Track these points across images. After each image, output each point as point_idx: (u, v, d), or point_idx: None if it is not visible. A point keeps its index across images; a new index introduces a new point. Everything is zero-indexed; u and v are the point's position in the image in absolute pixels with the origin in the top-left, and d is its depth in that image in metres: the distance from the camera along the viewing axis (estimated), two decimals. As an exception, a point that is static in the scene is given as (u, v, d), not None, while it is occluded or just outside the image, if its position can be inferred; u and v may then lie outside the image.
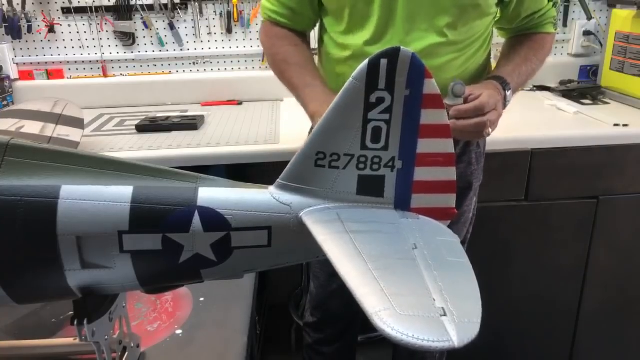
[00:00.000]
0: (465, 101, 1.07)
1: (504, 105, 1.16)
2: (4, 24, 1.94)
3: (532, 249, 1.71)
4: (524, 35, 1.28)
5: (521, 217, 1.66)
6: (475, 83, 1.17)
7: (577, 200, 1.66)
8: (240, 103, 2.05)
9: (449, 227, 0.61)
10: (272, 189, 0.60)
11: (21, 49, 2.03)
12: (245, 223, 0.57)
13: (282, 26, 1.25)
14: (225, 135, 1.63)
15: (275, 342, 1.92)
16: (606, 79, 2.01)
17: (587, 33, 2.14)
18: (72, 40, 2.03)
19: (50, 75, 2.06)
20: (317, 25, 1.30)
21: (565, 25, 2.17)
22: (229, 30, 2.05)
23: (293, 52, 1.23)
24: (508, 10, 1.22)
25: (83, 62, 2.06)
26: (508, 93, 1.16)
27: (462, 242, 0.57)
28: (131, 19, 2.01)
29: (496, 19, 1.27)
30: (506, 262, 1.72)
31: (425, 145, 0.59)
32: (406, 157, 0.59)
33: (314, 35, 1.46)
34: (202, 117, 1.78)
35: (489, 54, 1.30)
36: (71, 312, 0.62)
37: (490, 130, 1.10)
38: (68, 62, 2.06)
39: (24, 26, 1.96)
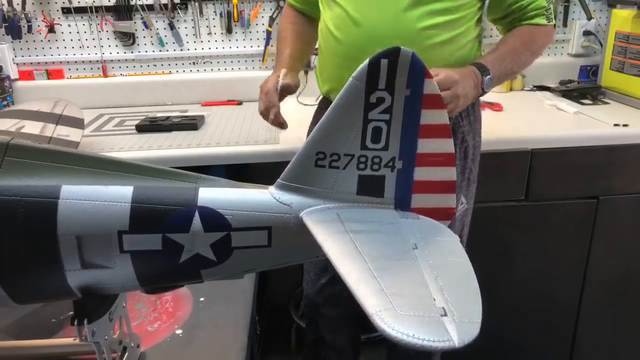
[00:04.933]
0: None
1: (482, 91, 1.18)
2: (4, 24, 1.94)
3: (532, 249, 1.71)
4: (515, 28, 1.29)
5: (521, 217, 1.66)
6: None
7: (577, 200, 1.66)
8: (240, 103, 2.05)
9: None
10: (272, 189, 0.60)
11: (21, 49, 2.03)
12: (245, 223, 0.57)
13: (296, 10, 1.43)
14: (225, 135, 1.63)
15: (275, 342, 1.92)
16: (606, 79, 2.01)
17: (587, 33, 2.14)
18: (72, 40, 2.03)
19: (50, 75, 2.06)
20: None
21: (565, 25, 2.17)
22: (229, 30, 2.05)
23: (288, 28, 1.41)
24: None
25: (83, 62, 2.06)
26: (486, 78, 1.17)
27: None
28: (131, 19, 2.01)
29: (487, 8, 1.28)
30: (506, 262, 1.72)
31: (425, 145, 0.59)
32: (406, 157, 0.59)
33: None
34: (202, 117, 1.78)
35: (478, 44, 1.30)
36: (71, 312, 0.62)
37: None
38: (68, 62, 2.06)
39: (24, 26, 1.96)
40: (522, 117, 1.76)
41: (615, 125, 1.63)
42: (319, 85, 1.35)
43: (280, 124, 1.24)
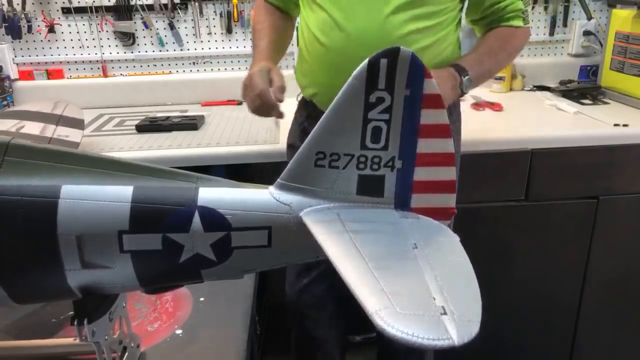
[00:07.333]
0: None
1: (462, 92, 1.20)
2: (4, 24, 1.95)
3: (532, 249, 1.71)
4: (492, 29, 1.32)
5: (521, 217, 1.66)
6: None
7: (577, 200, 1.66)
8: (240, 103, 2.05)
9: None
10: (272, 188, 0.60)
11: (21, 49, 2.03)
12: (245, 223, 0.57)
13: (272, 5, 1.37)
14: (225, 135, 1.63)
15: (275, 342, 1.92)
16: (606, 79, 2.01)
17: (587, 33, 2.14)
18: (72, 40, 2.03)
19: (50, 75, 2.06)
20: None
21: (565, 25, 2.17)
22: (229, 30, 2.05)
23: (263, 20, 1.35)
24: None
25: (83, 62, 2.06)
26: (464, 79, 1.19)
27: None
28: (131, 19, 2.01)
29: (465, 10, 1.30)
30: (506, 262, 1.72)
31: (425, 145, 0.59)
32: (406, 156, 0.59)
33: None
34: (202, 117, 1.78)
35: (458, 47, 1.32)
36: (71, 312, 0.62)
37: None
38: (68, 62, 2.06)
39: (24, 26, 1.96)
40: (522, 117, 1.76)
41: (615, 125, 1.63)
42: (300, 86, 1.34)
43: (280, 113, 1.21)
